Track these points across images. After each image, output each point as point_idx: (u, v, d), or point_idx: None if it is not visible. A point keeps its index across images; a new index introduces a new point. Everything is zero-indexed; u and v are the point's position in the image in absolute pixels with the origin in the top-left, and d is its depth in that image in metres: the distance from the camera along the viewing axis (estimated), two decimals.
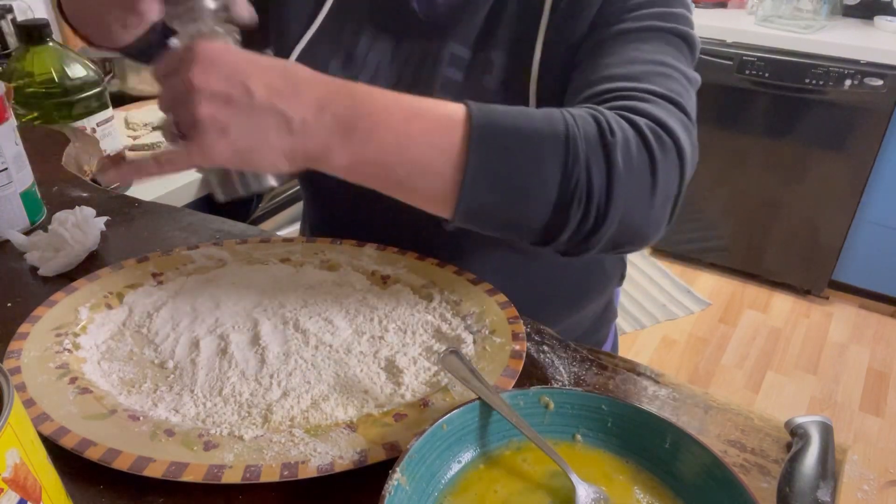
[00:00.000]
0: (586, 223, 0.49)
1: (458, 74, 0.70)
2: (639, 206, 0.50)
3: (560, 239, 0.50)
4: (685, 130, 0.52)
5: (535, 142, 0.48)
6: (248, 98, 0.45)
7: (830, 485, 0.45)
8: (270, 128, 0.46)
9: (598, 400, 0.48)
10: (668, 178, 0.50)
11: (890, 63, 1.93)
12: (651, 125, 0.50)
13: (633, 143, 0.49)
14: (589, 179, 0.47)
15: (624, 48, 0.59)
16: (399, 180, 0.49)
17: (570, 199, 0.48)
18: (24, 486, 0.34)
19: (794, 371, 2.10)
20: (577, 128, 0.48)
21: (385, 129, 0.47)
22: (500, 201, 0.48)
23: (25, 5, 1.45)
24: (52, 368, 0.53)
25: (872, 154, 2.06)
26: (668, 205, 0.52)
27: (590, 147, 0.48)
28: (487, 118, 0.48)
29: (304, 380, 0.54)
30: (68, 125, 1.04)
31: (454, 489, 0.44)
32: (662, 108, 0.52)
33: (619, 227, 0.49)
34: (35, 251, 0.70)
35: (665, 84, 0.55)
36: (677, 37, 0.59)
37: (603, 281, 0.85)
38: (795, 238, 2.30)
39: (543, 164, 0.47)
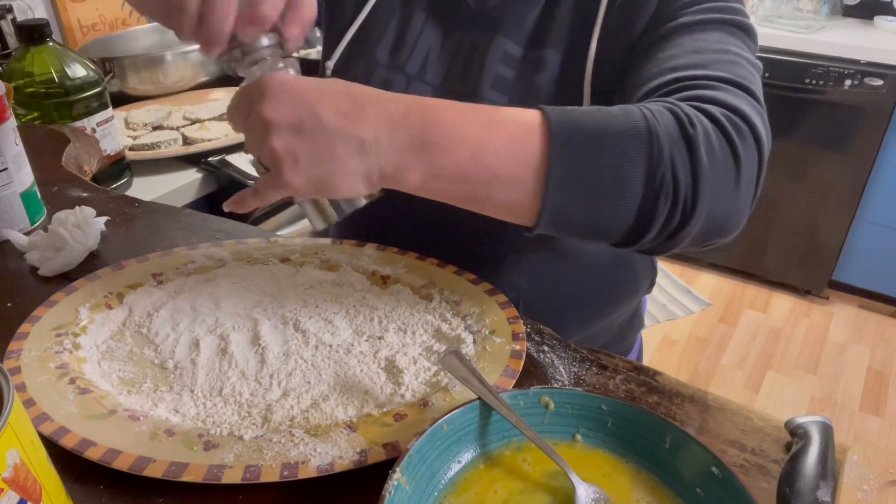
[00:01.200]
0: (672, 220, 0.47)
1: (509, 72, 0.69)
2: (725, 198, 0.48)
3: (646, 238, 0.49)
4: (759, 115, 0.51)
5: (618, 141, 0.46)
6: (318, 124, 0.45)
7: (830, 485, 0.45)
8: (342, 152, 0.46)
9: (598, 400, 0.48)
10: (750, 166, 0.49)
11: (890, 63, 1.93)
12: (726, 113, 0.49)
13: (713, 134, 0.48)
14: (675, 175, 0.46)
15: (686, 39, 0.58)
16: (478, 193, 0.48)
17: (656, 197, 0.46)
18: (24, 486, 0.34)
19: (794, 371, 2.10)
20: (658, 123, 0.47)
21: (460, 141, 0.46)
22: (585, 205, 0.47)
23: (25, 5, 1.45)
24: (52, 368, 0.53)
25: (872, 154, 2.06)
26: (751, 192, 0.50)
27: (672, 142, 0.46)
28: (566, 121, 0.47)
29: (304, 380, 0.54)
30: (68, 125, 1.04)
31: (454, 489, 0.44)
32: (733, 94, 0.51)
33: (706, 220, 0.48)
34: (35, 251, 0.70)
35: (733, 70, 0.54)
36: (737, 27, 0.59)
37: (633, 286, 0.84)
38: (795, 238, 2.30)
39: (627, 164, 0.46)
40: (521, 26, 0.69)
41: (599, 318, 0.81)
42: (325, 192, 0.48)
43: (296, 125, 0.45)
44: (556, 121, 0.47)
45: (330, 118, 0.45)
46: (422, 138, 0.46)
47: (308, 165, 0.46)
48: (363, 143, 0.46)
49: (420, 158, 0.46)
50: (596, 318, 0.80)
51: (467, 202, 0.49)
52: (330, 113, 0.46)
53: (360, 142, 0.46)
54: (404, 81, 0.74)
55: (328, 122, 0.45)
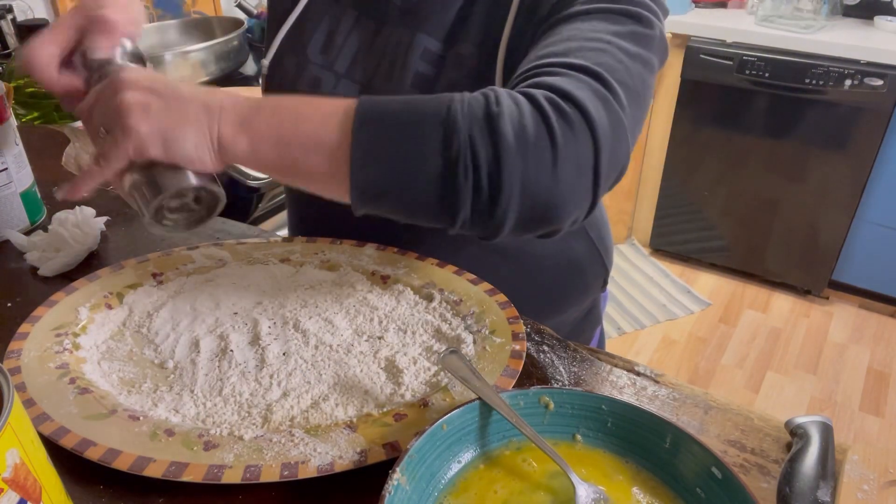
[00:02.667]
0: (480, 197, 0.48)
1: (429, 69, 0.70)
2: (541, 177, 0.48)
3: (461, 215, 0.50)
4: (598, 100, 0.50)
5: (415, 120, 0.49)
6: (171, 90, 0.51)
7: (830, 485, 0.45)
8: (189, 109, 0.50)
9: (598, 400, 0.48)
10: (576, 148, 0.49)
11: (890, 63, 1.93)
12: (549, 96, 0.50)
13: (527, 115, 0.48)
14: (473, 150, 0.48)
15: (567, 28, 0.58)
16: (296, 160, 0.51)
17: (454, 172, 0.48)
18: (24, 486, 0.34)
19: (794, 371, 2.10)
20: (462, 104, 0.49)
21: (284, 111, 0.52)
22: (387, 180, 0.49)
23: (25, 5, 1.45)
24: (52, 368, 0.53)
25: (872, 154, 2.06)
26: (585, 177, 0.50)
27: (473, 119, 0.48)
28: (372, 103, 0.50)
29: (304, 380, 0.54)
30: (68, 125, 1.04)
31: (454, 489, 0.44)
32: (574, 79, 0.51)
33: (522, 199, 0.49)
34: (35, 251, 0.70)
35: (592, 58, 0.54)
36: (625, 16, 0.58)
37: (581, 286, 0.85)
38: (795, 238, 2.30)
39: (422, 139, 0.48)
40: (442, 22, 0.70)
41: (550, 316, 0.82)
42: (170, 144, 0.50)
43: (149, 88, 0.51)
44: (363, 102, 0.50)
45: (184, 88, 0.52)
46: (255, 108, 0.52)
47: (157, 115, 0.50)
48: (209, 105, 0.51)
49: (250, 124, 0.51)
50: (546, 316, 0.81)
51: (290, 170, 0.53)
52: (185, 86, 0.52)
53: (207, 105, 0.51)
54: (333, 80, 0.75)
55: (182, 90, 0.51)
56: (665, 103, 2.35)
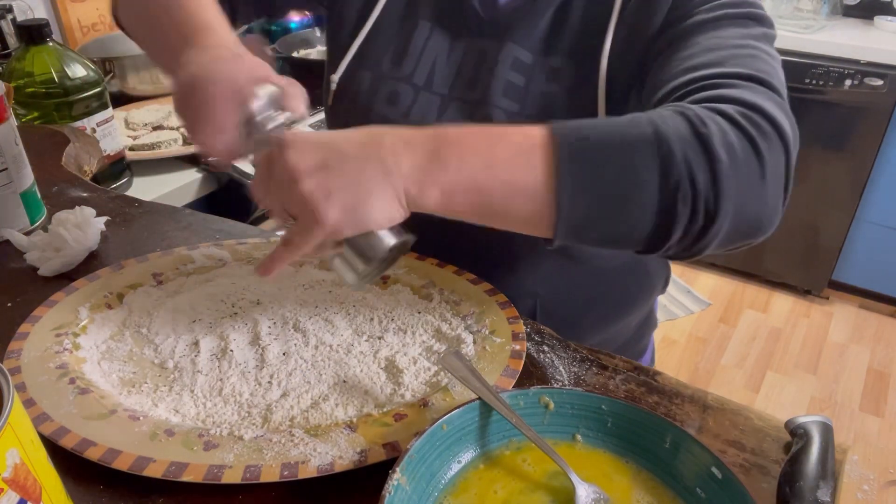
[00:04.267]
0: (695, 222, 0.47)
1: (520, 79, 0.68)
2: (752, 197, 0.47)
3: (670, 242, 0.48)
4: (780, 109, 0.50)
5: (626, 148, 0.46)
6: (341, 157, 0.46)
7: (830, 485, 0.45)
8: (369, 177, 0.46)
9: (598, 400, 0.48)
10: (776, 162, 0.48)
11: (890, 63, 1.93)
12: (742, 110, 0.48)
13: (730, 133, 0.47)
14: (692, 177, 0.45)
15: (702, 38, 0.57)
16: (494, 206, 0.48)
17: (673, 200, 0.46)
18: (24, 486, 0.34)
19: (794, 371, 2.10)
20: (667, 126, 0.47)
21: (471, 153, 0.47)
22: (600, 215, 0.47)
23: (25, 5, 1.45)
24: (52, 368, 0.53)
25: (872, 154, 2.06)
26: (781, 188, 0.49)
27: (685, 143, 0.46)
28: (571, 132, 0.47)
29: (304, 380, 0.54)
30: (68, 125, 1.04)
31: (454, 489, 0.44)
32: (751, 90, 0.50)
33: (733, 221, 0.47)
34: (35, 251, 0.70)
35: (751, 65, 0.53)
36: (753, 19, 0.58)
37: (648, 287, 0.83)
38: (795, 238, 2.30)
39: (638, 169, 0.46)
40: (532, 33, 0.68)
41: (616, 320, 0.80)
42: (361, 220, 0.47)
43: (321, 164, 0.46)
44: (561, 133, 0.47)
45: (351, 149, 0.47)
46: (436, 153, 0.47)
47: (340, 195, 0.46)
48: (386, 165, 0.46)
49: (438, 174, 0.47)
50: (612, 321, 0.80)
51: (488, 216, 0.49)
52: (349, 146, 0.47)
53: (383, 163, 0.46)
54: (412, 92, 0.73)
55: (350, 152, 0.47)
56: None
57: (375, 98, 0.74)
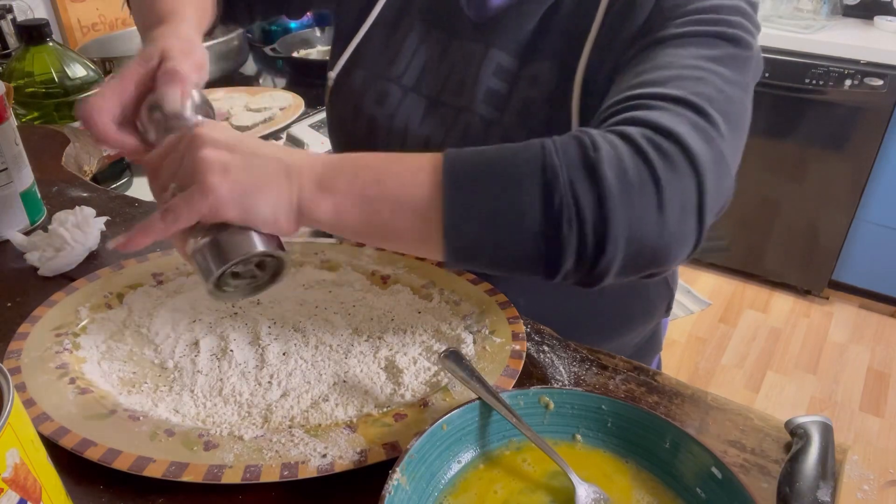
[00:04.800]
0: (586, 247, 0.46)
1: (503, 86, 0.68)
2: (646, 223, 0.46)
3: (564, 268, 0.47)
4: (699, 134, 0.48)
5: (510, 171, 0.46)
6: (250, 149, 0.48)
7: (830, 485, 0.45)
8: (270, 171, 0.47)
9: (598, 400, 0.48)
10: (680, 188, 0.46)
11: (890, 63, 1.93)
12: (648, 134, 0.47)
13: (626, 157, 0.46)
14: (576, 200, 0.45)
15: (661, 54, 0.56)
16: (383, 221, 0.48)
17: (557, 222, 0.45)
18: (24, 486, 0.34)
19: (794, 371, 2.10)
20: (556, 150, 0.46)
21: (366, 169, 0.49)
22: (484, 239, 0.46)
23: (25, 5, 1.45)
24: (52, 368, 0.53)
25: (872, 154, 2.06)
26: (690, 217, 0.47)
27: (571, 166, 0.45)
28: (460, 155, 0.48)
29: (303, 380, 0.54)
30: (68, 125, 1.04)
31: (454, 489, 0.44)
32: (672, 113, 0.49)
33: (628, 247, 0.46)
34: (35, 251, 0.70)
35: (691, 87, 0.51)
36: (722, 39, 0.55)
37: (646, 310, 0.82)
38: (795, 238, 2.30)
39: (520, 191, 0.45)
40: (517, 39, 0.68)
41: (609, 340, 0.79)
42: (247, 205, 0.47)
43: (229, 145, 0.47)
44: (450, 155, 0.47)
45: (263, 147, 0.49)
46: (335, 167, 0.49)
47: (237, 175, 0.46)
48: (290, 168, 0.48)
49: (331, 186, 0.48)
50: (605, 340, 0.78)
51: (379, 233, 0.49)
52: (263, 146, 0.49)
53: (287, 166, 0.48)
54: (399, 93, 0.73)
55: (262, 149, 0.48)
56: None
57: (366, 97, 0.75)
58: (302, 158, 0.49)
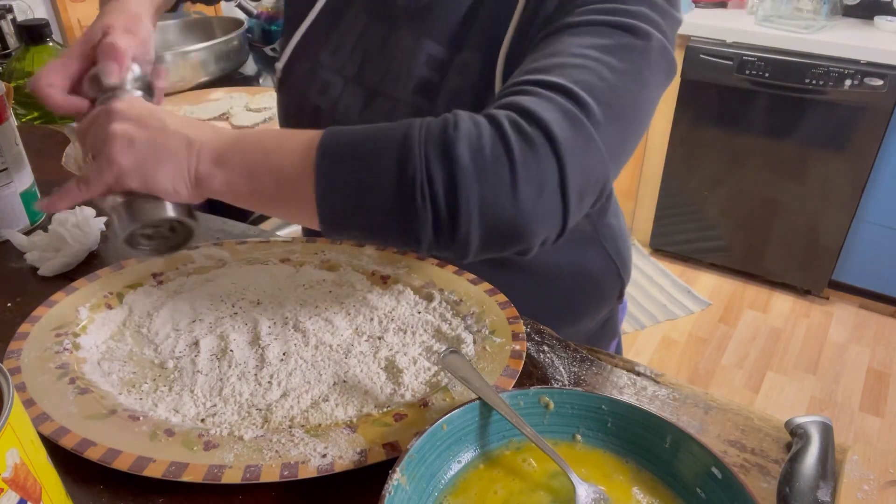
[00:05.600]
0: (440, 219, 0.48)
1: (434, 76, 0.69)
2: (499, 198, 0.48)
3: (425, 239, 0.49)
4: (566, 119, 0.49)
5: (371, 148, 0.49)
6: (156, 121, 0.53)
7: (830, 485, 0.45)
8: (171, 144, 0.52)
9: (598, 400, 0.48)
10: (537, 168, 0.48)
11: (890, 63, 1.93)
12: (512, 116, 0.49)
13: (485, 136, 0.48)
14: (429, 174, 0.47)
15: (555, 41, 0.57)
16: (268, 194, 0.52)
17: (411, 198, 0.48)
18: (24, 486, 0.34)
19: (794, 371, 2.10)
20: (420, 129, 0.49)
21: (257, 143, 0.52)
22: (349, 210, 0.49)
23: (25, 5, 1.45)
24: (52, 368, 0.53)
25: (872, 154, 2.06)
26: (552, 196, 0.49)
27: (429, 143, 0.48)
28: (335, 133, 0.51)
29: (304, 380, 0.54)
30: (68, 125, 1.04)
31: (454, 489, 0.44)
32: (543, 99, 0.50)
33: (482, 220, 0.48)
34: (35, 251, 0.70)
35: (572, 75, 0.52)
36: (619, 28, 0.56)
37: (597, 296, 0.84)
38: (795, 238, 2.30)
39: (378, 167, 0.48)
40: (447, 28, 0.69)
41: (561, 327, 0.78)
42: (147, 177, 0.52)
43: (137, 117, 0.52)
44: (327, 135, 0.50)
45: (169, 120, 0.53)
46: (232, 142, 0.53)
47: (139, 147, 0.51)
48: (191, 141, 0.52)
49: (226, 159, 0.52)
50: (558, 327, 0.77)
51: (262, 202, 0.54)
52: (171, 118, 0.53)
53: (189, 140, 0.52)
54: (341, 84, 0.74)
55: (167, 122, 0.53)
56: (665, 104, 2.35)
57: (310, 87, 0.76)
58: (206, 133, 0.53)
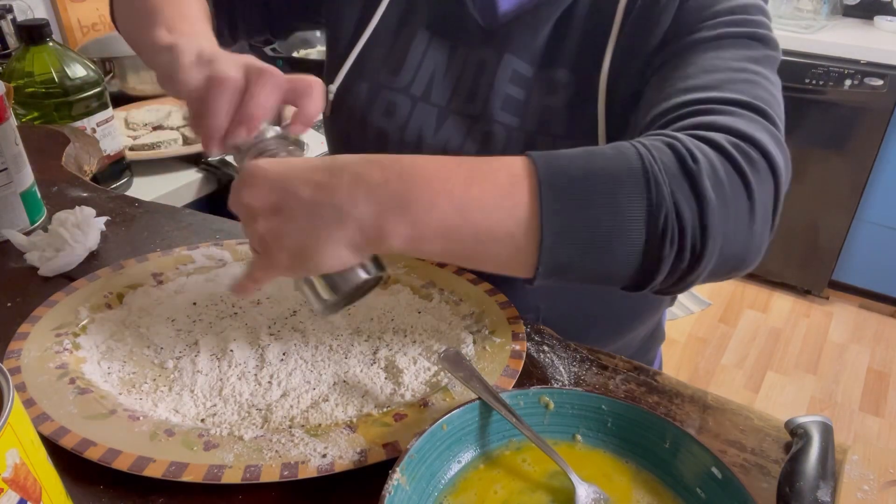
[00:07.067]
0: (681, 262, 0.44)
1: (520, 93, 0.67)
2: (739, 234, 0.45)
3: (655, 281, 0.46)
4: (773, 141, 0.48)
5: (612, 185, 0.43)
6: (294, 201, 0.44)
7: (830, 485, 0.45)
8: (321, 223, 0.44)
9: (598, 400, 0.48)
10: (765, 197, 0.46)
11: (890, 63, 1.93)
12: (735, 141, 0.46)
13: (719, 167, 0.45)
14: (679, 216, 0.43)
15: (701, 57, 0.54)
16: (469, 250, 0.45)
17: (660, 240, 0.43)
18: (24, 486, 0.34)
19: (794, 371, 2.10)
20: (655, 160, 0.44)
21: (443, 197, 0.43)
22: (584, 256, 0.44)
23: (25, 5, 1.45)
24: (52, 368, 0.53)
25: (872, 154, 2.06)
26: (768, 224, 0.47)
27: (673, 180, 0.43)
28: (554, 168, 0.44)
29: (303, 380, 0.54)
30: (68, 125, 1.04)
31: (454, 489, 0.44)
32: (746, 119, 0.48)
33: (718, 259, 0.45)
34: (35, 251, 0.70)
35: (749, 91, 0.50)
36: (757, 41, 0.55)
37: (654, 302, 0.81)
38: (795, 238, 2.30)
39: (625, 209, 0.43)
40: (532, 45, 0.67)
41: (621, 335, 0.79)
42: (310, 266, 0.46)
43: (274, 206, 0.45)
44: (543, 169, 0.44)
45: (305, 192, 0.44)
46: (401, 197, 0.43)
47: (290, 241, 0.45)
48: (341, 211, 0.43)
49: (401, 219, 0.43)
50: (618, 335, 0.78)
51: (461, 260, 0.47)
52: (305, 187, 0.44)
53: (338, 210, 0.43)
54: (409, 103, 0.72)
55: (304, 196, 0.44)
56: None
57: (372, 109, 0.73)
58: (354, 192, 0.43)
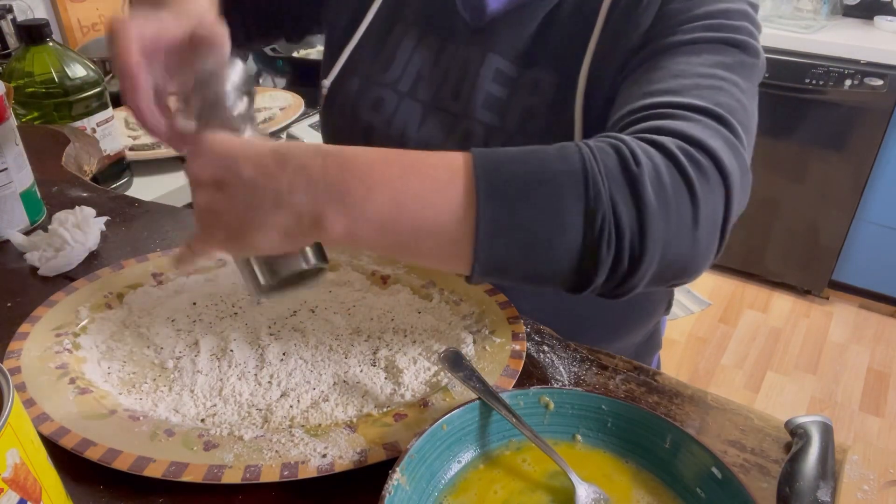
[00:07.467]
0: (620, 266, 0.44)
1: (502, 91, 0.68)
2: (681, 240, 0.45)
3: (594, 284, 0.46)
4: (727, 147, 0.47)
5: (550, 184, 0.43)
6: (237, 180, 0.44)
7: (830, 485, 0.45)
8: (260, 206, 0.43)
9: (598, 400, 0.48)
10: (712, 205, 0.45)
11: (890, 63, 1.93)
12: (683, 146, 0.45)
13: (664, 171, 0.44)
14: (616, 218, 0.43)
15: (672, 61, 0.54)
16: (405, 243, 0.44)
17: (597, 242, 0.43)
18: (24, 486, 0.34)
19: (794, 371, 2.10)
20: (596, 162, 0.44)
21: (380, 187, 0.43)
22: (519, 254, 0.44)
23: (25, 5, 1.45)
24: (52, 368, 0.53)
25: (872, 154, 2.06)
26: (716, 233, 0.46)
27: (613, 182, 0.43)
28: (492, 164, 0.43)
29: (303, 380, 0.54)
30: (68, 125, 1.04)
31: (454, 489, 0.44)
32: (701, 124, 0.47)
33: (660, 264, 0.45)
34: (35, 251, 0.70)
35: (712, 97, 0.49)
36: (734, 47, 0.54)
37: (647, 310, 0.81)
38: (795, 238, 2.30)
39: (562, 209, 0.43)
40: (516, 44, 0.67)
41: (612, 341, 0.79)
42: (244, 246, 0.46)
43: (218, 181, 0.44)
44: (482, 165, 0.43)
45: (248, 173, 0.43)
46: (338, 188, 0.43)
47: (226, 219, 0.44)
48: (279, 195, 0.43)
49: (338, 210, 0.43)
50: (608, 342, 0.77)
51: (397, 252, 0.47)
52: (249, 168, 0.43)
53: (277, 195, 0.43)
54: (396, 99, 0.73)
55: (246, 176, 0.43)
56: None
57: (361, 104, 0.74)
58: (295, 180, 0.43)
